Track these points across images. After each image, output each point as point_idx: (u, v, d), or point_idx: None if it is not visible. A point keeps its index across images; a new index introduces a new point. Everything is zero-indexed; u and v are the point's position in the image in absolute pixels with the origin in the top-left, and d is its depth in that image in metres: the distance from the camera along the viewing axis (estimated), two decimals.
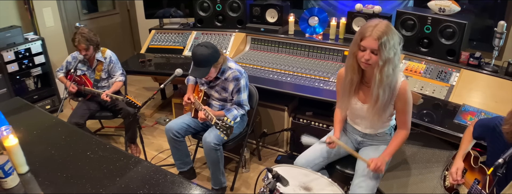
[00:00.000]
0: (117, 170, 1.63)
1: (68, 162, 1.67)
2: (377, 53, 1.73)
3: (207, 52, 2.30)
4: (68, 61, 3.03)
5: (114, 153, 1.74)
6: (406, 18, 2.88)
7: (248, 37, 3.59)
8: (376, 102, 1.85)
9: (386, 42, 1.70)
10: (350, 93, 1.95)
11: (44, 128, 1.99)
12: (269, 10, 3.48)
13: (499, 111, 2.43)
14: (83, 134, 1.97)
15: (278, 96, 2.97)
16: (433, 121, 2.39)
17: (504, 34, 2.53)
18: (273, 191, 1.51)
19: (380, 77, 1.76)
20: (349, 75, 1.89)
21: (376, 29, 1.71)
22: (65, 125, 2.05)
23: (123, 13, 4.57)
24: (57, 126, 2.02)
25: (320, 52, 3.31)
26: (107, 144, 1.84)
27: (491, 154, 1.83)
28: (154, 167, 1.66)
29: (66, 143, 1.82)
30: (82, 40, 2.78)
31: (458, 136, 2.24)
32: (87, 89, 2.95)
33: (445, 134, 2.29)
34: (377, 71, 1.76)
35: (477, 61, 2.73)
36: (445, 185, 2.09)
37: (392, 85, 1.84)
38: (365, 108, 1.97)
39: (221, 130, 2.20)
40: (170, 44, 3.72)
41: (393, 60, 1.75)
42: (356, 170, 2.06)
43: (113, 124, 3.68)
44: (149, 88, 4.62)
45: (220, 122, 2.22)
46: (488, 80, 2.63)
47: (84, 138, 1.90)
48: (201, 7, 3.64)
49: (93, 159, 1.70)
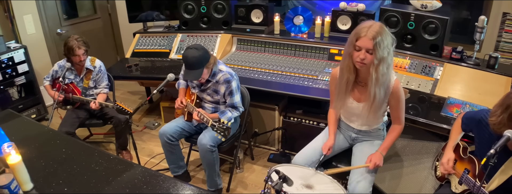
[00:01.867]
0: (126, 181, 1.59)
1: (73, 176, 1.62)
2: (372, 53, 1.78)
3: (198, 54, 2.31)
4: (55, 70, 2.98)
5: (119, 164, 1.70)
6: (389, 15, 2.95)
7: (234, 38, 3.60)
8: (373, 100, 1.91)
9: (380, 42, 1.76)
10: (346, 93, 2.00)
11: (42, 141, 1.92)
12: (254, 11, 3.50)
13: (483, 102, 2.54)
14: (83, 145, 1.92)
15: (268, 96, 3.00)
16: (420, 114, 2.47)
17: (485, 28, 2.63)
18: (280, 191, 1.54)
19: (376, 76, 1.82)
20: (345, 75, 1.94)
21: (371, 29, 1.77)
22: (63, 137, 2.00)
23: (105, 17, 4.50)
24: (55, 138, 1.96)
25: (306, 51, 3.36)
26: (110, 155, 1.80)
27: (479, 144, 1.91)
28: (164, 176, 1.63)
29: (67, 156, 1.77)
30: (82, 45, 2.76)
31: (446, 128, 2.33)
32: (76, 97, 2.91)
33: (433, 126, 2.38)
34: (373, 70, 1.82)
35: (459, 55, 2.83)
36: (436, 175, 2.18)
37: (386, 83, 1.90)
38: (360, 107, 2.03)
39: (218, 131, 2.21)
40: (156, 48, 3.69)
41: (387, 59, 1.82)
42: (353, 165, 2.11)
43: (101, 130, 3.63)
44: (134, 93, 4.57)
45: (216, 123, 2.23)
46: (471, 73, 2.73)
47: (85, 150, 1.85)
48: (186, 9, 3.62)
49: (98, 171, 1.65)
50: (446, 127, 2.33)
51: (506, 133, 1.57)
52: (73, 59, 2.83)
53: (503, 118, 1.59)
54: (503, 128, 1.62)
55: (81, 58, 2.81)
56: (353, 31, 1.86)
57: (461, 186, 1.92)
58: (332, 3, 3.61)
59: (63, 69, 2.89)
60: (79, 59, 2.81)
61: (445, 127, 2.33)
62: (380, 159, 2.01)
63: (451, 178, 2.02)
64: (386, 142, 2.09)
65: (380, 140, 2.22)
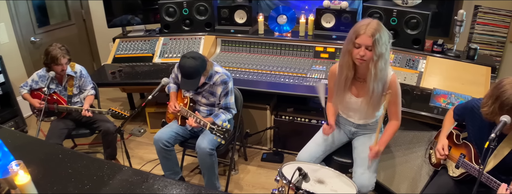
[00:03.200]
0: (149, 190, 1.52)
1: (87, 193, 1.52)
2: (371, 50, 1.84)
3: (195, 64, 2.28)
4: (35, 81, 2.81)
5: (134, 175, 1.61)
6: (372, 12, 3.04)
7: (218, 39, 3.58)
8: (371, 95, 1.97)
9: (379, 39, 1.82)
10: (345, 89, 2.05)
11: (45, 157, 1.78)
12: (238, 11, 3.49)
13: (466, 92, 2.67)
14: (89, 158, 1.81)
15: (257, 96, 3.00)
16: (411, 106, 2.56)
17: (464, 22, 2.77)
18: (300, 188, 1.55)
19: (375, 72, 1.88)
20: (345, 72, 1.99)
21: (369, 27, 1.83)
22: (65, 151, 1.87)
23: (79, 23, 4.33)
24: (57, 152, 1.82)
25: (292, 49, 3.39)
26: (122, 166, 1.72)
27: (472, 131, 2.02)
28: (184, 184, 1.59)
29: (74, 170, 1.65)
30: (65, 54, 2.64)
31: (436, 117, 2.44)
32: (62, 107, 2.78)
33: (425, 116, 2.48)
34: (372, 66, 1.88)
35: (440, 48, 2.95)
36: (431, 162, 2.28)
37: (384, 78, 1.96)
38: (359, 102, 2.08)
39: (217, 134, 2.19)
40: (138, 53, 3.60)
41: (384, 55, 1.88)
42: (355, 159, 2.17)
43: (86, 140, 3.49)
44: (115, 99, 4.43)
45: (215, 126, 2.21)
46: (453, 65, 2.86)
47: (93, 163, 1.74)
48: (167, 12, 3.56)
49: (113, 184, 1.56)
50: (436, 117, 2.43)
51: (503, 118, 1.67)
52: (54, 69, 2.70)
53: (494, 108, 1.70)
54: (495, 117, 1.73)
55: (64, 67, 2.70)
56: (351, 29, 1.91)
57: (458, 170, 2.03)
58: (307, 3, 3.68)
59: (44, 80, 2.76)
60: (62, 69, 2.69)
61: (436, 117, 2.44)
62: (378, 153, 2.07)
63: (448, 164, 2.12)
64: (384, 137, 2.14)
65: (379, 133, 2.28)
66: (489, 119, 1.80)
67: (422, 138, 2.57)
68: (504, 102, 1.65)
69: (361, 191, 1.98)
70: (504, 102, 1.65)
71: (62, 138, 2.75)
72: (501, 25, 3.67)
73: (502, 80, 1.70)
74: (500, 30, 3.69)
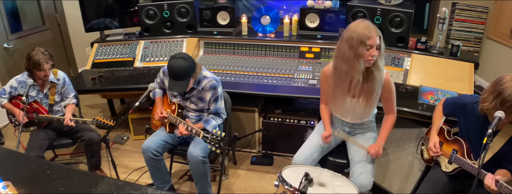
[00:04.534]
0: None
1: None
2: (378, 48, 1.87)
3: (185, 65, 2.20)
4: (14, 87, 2.64)
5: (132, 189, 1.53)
6: (356, 11, 3.05)
7: (200, 41, 3.50)
8: (371, 95, 1.99)
9: (381, 36, 1.88)
10: (349, 93, 2.04)
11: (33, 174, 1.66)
12: (220, 13, 3.42)
13: (452, 88, 2.72)
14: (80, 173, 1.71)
15: (243, 98, 2.95)
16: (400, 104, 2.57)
17: (446, 19, 2.81)
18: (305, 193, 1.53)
19: (378, 73, 1.92)
20: (355, 78, 1.92)
21: (371, 27, 1.86)
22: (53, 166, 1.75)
23: (54, 28, 4.14)
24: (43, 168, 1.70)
25: (277, 50, 3.36)
26: (118, 180, 1.64)
27: (465, 126, 2.06)
28: None
29: (66, 188, 1.54)
30: (48, 58, 2.48)
31: (425, 114, 2.47)
32: (43, 117, 2.63)
33: (415, 114, 2.50)
34: (374, 68, 1.90)
35: (424, 45, 3.00)
36: (424, 158, 2.31)
37: (382, 77, 1.99)
38: (355, 102, 2.08)
39: (212, 143, 2.12)
40: (118, 57, 3.48)
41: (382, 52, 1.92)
42: (351, 158, 2.17)
43: (66, 150, 3.34)
44: (94, 106, 4.27)
45: (209, 135, 2.14)
46: (437, 62, 2.91)
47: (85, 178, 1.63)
48: (147, 15, 3.45)
49: None
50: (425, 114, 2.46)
51: (497, 114, 1.72)
52: (37, 74, 2.55)
53: (495, 103, 1.74)
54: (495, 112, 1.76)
55: (47, 73, 2.55)
56: (354, 36, 1.85)
57: (451, 165, 2.07)
58: (284, 3, 3.66)
59: (23, 86, 2.59)
60: (45, 74, 2.55)
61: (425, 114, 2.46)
62: (379, 147, 2.09)
63: (440, 159, 2.15)
64: (383, 132, 2.17)
65: (371, 131, 2.30)
66: (490, 115, 1.83)
67: (412, 135, 2.60)
68: (506, 98, 1.69)
69: (360, 191, 1.98)
70: (506, 98, 1.69)
71: (43, 149, 2.61)
72: (478, 22, 3.79)
73: (503, 78, 1.74)
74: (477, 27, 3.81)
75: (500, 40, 3.70)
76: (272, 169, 3.10)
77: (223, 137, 2.11)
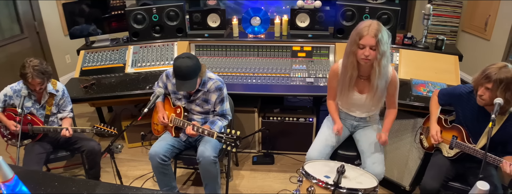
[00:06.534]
0: None
1: None
2: (375, 49, 1.94)
3: (192, 63, 2.21)
4: (8, 96, 2.51)
5: None
6: (345, 10, 3.16)
7: (191, 44, 3.48)
8: (376, 91, 2.08)
9: (381, 39, 1.93)
10: (350, 87, 2.13)
11: None
12: (211, 15, 3.43)
13: (441, 80, 2.88)
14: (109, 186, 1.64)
15: (241, 99, 2.97)
16: None
17: (431, 15, 2.98)
18: (338, 184, 1.59)
19: (379, 70, 2.00)
20: (349, 72, 2.07)
21: (371, 28, 1.92)
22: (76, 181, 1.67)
23: (33, 36, 3.96)
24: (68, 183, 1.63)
25: (269, 50, 3.41)
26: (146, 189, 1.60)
27: (462, 114, 2.22)
28: None
29: None
30: (36, 75, 2.33)
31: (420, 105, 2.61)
32: (38, 128, 2.51)
33: (411, 105, 2.64)
34: (376, 65, 1.98)
35: (410, 40, 3.15)
36: (423, 146, 2.45)
37: (387, 75, 2.09)
38: (363, 98, 2.18)
39: (228, 143, 2.14)
40: (107, 63, 3.39)
41: (386, 53, 1.99)
42: (362, 150, 2.28)
43: (59, 163, 3.20)
44: (80, 115, 4.12)
45: (223, 135, 2.15)
46: (424, 56, 3.07)
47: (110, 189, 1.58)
48: (135, 19, 3.39)
49: None
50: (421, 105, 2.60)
51: (497, 100, 1.91)
52: (29, 86, 2.45)
53: (479, 77, 1.98)
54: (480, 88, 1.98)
55: (36, 88, 2.43)
56: (353, 31, 2.00)
57: (452, 150, 2.22)
58: (260, 3, 3.71)
59: (19, 95, 2.47)
60: (38, 88, 2.44)
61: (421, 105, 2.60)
62: (386, 136, 2.20)
63: (441, 146, 2.30)
64: (387, 124, 2.29)
65: (376, 124, 2.41)
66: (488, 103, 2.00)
67: (408, 126, 2.72)
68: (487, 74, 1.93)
69: None
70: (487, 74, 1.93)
71: (41, 164, 2.50)
72: (453, 16, 4.02)
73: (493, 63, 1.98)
74: (452, 21, 4.05)
75: (475, 32, 3.95)
76: (275, 168, 3.15)
77: (239, 136, 2.13)
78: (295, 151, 3.28)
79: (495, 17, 3.72)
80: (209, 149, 2.36)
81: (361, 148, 2.28)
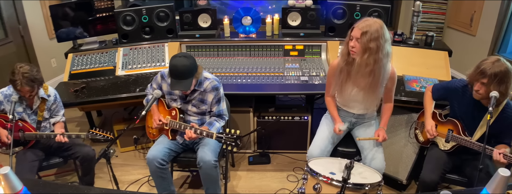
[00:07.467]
0: None
1: None
2: (359, 42, 1.99)
3: (189, 63, 2.19)
4: None
5: None
6: (336, 8, 3.18)
7: (182, 45, 3.45)
8: (373, 88, 2.13)
9: (367, 34, 1.97)
10: (342, 78, 2.18)
11: None
12: (201, 15, 3.40)
13: (432, 75, 2.94)
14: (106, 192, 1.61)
15: (236, 99, 2.95)
16: None
17: (420, 12, 3.03)
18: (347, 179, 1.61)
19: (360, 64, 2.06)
20: (340, 60, 2.15)
21: (365, 23, 2.00)
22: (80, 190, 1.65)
23: (17, 40, 3.83)
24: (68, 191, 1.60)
25: (262, 50, 3.40)
26: None
27: (458, 109, 2.27)
28: None
29: None
30: (25, 83, 2.25)
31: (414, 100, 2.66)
32: (30, 134, 2.44)
33: (405, 101, 2.68)
34: (358, 58, 2.05)
35: (401, 37, 3.20)
36: (419, 141, 2.49)
37: (388, 72, 2.15)
38: (361, 94, 2.22)
39: (228, 142, 2.12)
40: (97, 66, 3.32)
41: (373, 51, 2.00)
42: (361, 147, 2.31)
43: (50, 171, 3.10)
44: (69, 120, 4.01)
45: (223, 135, 2.14)
46: (414, 52, 3.13)
47: None
48: (124, 21, 3.33)
49: None
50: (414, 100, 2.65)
51: (492, 94, 1.96)
52: (19, 93, 2.37)
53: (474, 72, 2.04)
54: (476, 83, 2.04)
55: (26, 95, 2.36)
56: None
57: (449, 143, 2.27)
58: (245, 3, 3.71)
59: (9, 100, 2.38)
60: (28, 95, 2.36)
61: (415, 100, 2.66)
62: (384, 132, 2.26)
63: (437, 140, 2.34)
64: (384, 119, 2.34)
65: (374, 120, 2.44)
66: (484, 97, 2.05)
67: (402, 121, 2.77)
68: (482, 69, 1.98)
69: None
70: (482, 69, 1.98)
71: (34, 172, 2.42)
72: (439, 12, 4.11)
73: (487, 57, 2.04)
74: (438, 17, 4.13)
75: (461, 28, 4.04)
76: (271, 167, 3.15)
77: (239, 135, 2.11)
78: (290, 150, 3.28)
79: (480, 13, 3.81)
80: (209, 153, 2.33)
81: (361, 144, 2.31)
